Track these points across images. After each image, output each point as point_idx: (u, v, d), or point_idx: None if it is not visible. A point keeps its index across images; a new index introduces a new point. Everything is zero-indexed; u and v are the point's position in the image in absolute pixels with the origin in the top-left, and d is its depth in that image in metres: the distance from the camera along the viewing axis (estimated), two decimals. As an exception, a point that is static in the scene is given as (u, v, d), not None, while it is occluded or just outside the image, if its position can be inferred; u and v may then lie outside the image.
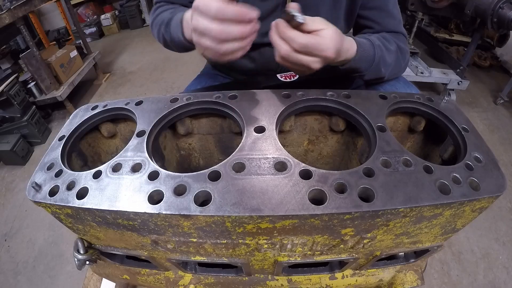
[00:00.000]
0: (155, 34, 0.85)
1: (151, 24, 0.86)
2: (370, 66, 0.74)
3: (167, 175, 0.49)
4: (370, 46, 0.73)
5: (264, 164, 0.49)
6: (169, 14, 0.76)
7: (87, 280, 0.98)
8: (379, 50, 0.74)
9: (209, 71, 1.12)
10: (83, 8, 4.72)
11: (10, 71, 3.06)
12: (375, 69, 0.76)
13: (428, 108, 0.64)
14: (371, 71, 0.76)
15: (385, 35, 0.82)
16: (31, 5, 2.34)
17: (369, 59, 0.73)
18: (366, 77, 0.78)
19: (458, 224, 0.54)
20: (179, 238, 0.51)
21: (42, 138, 2.42)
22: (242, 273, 0.68)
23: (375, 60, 0.74)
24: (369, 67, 0.74)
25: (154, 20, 0.83)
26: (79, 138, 0.65)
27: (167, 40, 0.77)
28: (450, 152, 0.63)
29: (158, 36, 0.82)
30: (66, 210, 0.49)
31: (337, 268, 0.68)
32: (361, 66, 0.72)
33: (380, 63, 0.75)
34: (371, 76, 0.79)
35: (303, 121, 0.74)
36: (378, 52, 0.74)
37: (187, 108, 0.66)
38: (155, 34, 0.84)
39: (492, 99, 2.49)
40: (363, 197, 0.44)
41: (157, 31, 0.81)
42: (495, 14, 1.76)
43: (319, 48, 0.54)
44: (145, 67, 3.53)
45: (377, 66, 0.75)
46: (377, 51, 0.73)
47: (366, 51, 0.71)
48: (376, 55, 0.73)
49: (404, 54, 0.84)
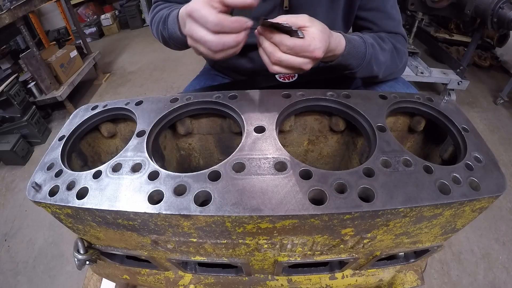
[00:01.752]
0: (154, 33, 0.85)
1: (150, 23, 0.86)
2: (361, 63, 0.73)
3: (167, 175, 0.49)
4: (361, 43, 0.72)
5: (264, 164, 0.49)
6: (166, 11, 0.76)
7: (87, 280, 0.98)
8: (371, 47, 0.74)
9: (209, 71, 1.12)
10: (83, 8, 4.72)
11: (10, 71, 3.07)
12: (367, 67, 0.75)
13: (428, 108, 0.64)
14: (363, 69, 0.75)
15: (381, 34, 0.82)
16: (31, 5, 2.34)
17: (360, 56, 0.72)
18: (358, 75, 0.78)
19: (458, 224, 0.54)
20: (179, 238, 0.51)
21: (42, 138, 2.43)
22: (242, 273, 0.68)
23: (366, 57, 0.73)
24: (360, 64, 0.73)
25: (153, 19, 0.83)
26: (79, 138, 0.65)
27: (165, 37, 0.77)
28: (450, 152, 0.63)
29: (157, 34, 0.82)
30: (66, 210, 0.49)
31: (337, 268, 0.68)
32: (351, 62, 0.71)
33: (372, 61, 0.75)
34: (363, 73, 0.78)
35: (303, 121, 0.74)
36: (370, 50, 0.73)
37: (187, 108, 0.66)
38: (154, 33, 0.84)
39: (492, 99, 2.49)
40: (363, 197, 0.44)
41: (156, 29, 0.81)
42: (495, 14, 1.76)
43: (309, 50, 0.54)
44: (145, 67, 3.53)
45: (369, 64, 0.74)
46: (368, 48, 0.72)
47: (356, 47, 0.70)
48: (368, 52, 0.72)
49: (400, 54, 0.83)
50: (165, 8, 0.81)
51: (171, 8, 0.77)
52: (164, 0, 0.88)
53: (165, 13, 0.76)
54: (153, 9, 0.87)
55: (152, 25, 0.85)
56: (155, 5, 0.87)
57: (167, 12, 0.75)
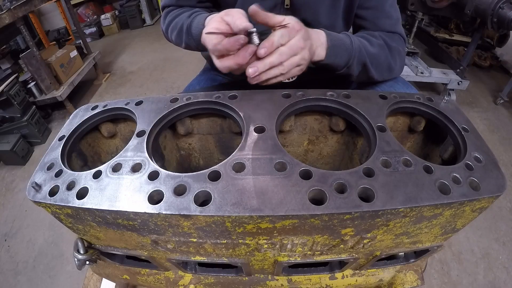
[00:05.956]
0: (172, 39, 0.86)
1: (165, 29, 0.87)
2: (351, 55, 0.72)
3: (167, 175, 0.49)
4: (343, 36, 0.72)
5: (264, 164, 0.49)
6: (186, 19, 0.77)
7: (87, 280, 0.98)
8: (357, 40, 0.73)
9: (209, 71, 1.12)
10: (83, 8, 4.72)
11: (10, 71, 3.07)
12: (359, 58, 0.73)
13: (428, 108, 0.64)
14: (357, 63, 0.73)
15: (373, 32, 0.82)
16: (31, 5, 2.34)
17: (347, 47, 0.71)
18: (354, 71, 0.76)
19: (458, 224, 0.54)
20: (179, 238, 0.51)
21: (42, 138, 2.43)
22: (242, 273, 0.68)
23: (355, 48, 0.72)
24: (351, 57, 0.72)
25: (170, 25, 0.84)
26: (79, 138, 0.65)
27: (191, 45, 0.79)
28: (450, 152, 0.63)
29: (177, 41, 0.84)
30: (66, 210, 0.49)
31: (337, 268, 0.68)
32: (341, 56, 0.70)
33: (363, 52, 0.73)
34: (359, 69, 0.76)
35: (303, 121, 0.74)
36: (356, 41, 0.72)
37: (187, 108, 0.66)
38: (173, 39, 0.85)
39: (492, 99, 2.49)
40: (363, 197, 0.44)
41: (176, 36, 0.82)
42: (495, 14, 1.76)
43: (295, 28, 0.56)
44: (145, 67, 3.53)
45: (360, 54, 0.73)
46: (354, 40, 0.72)
47: (340, 39, 0.70)
48: (353, 42, 0.72)
49: (394, 52, 0.81)
50: (181, 14, 0.82)
51: (190, 15, 0.78)
52: (176, 5, 0.88)
53: (185, 22, 0.77)
54: (166, 15, 0.88)
55: (168, 32, 0.86)
56: (167, 11, 0.88)
57: (187, 21, 0.76)
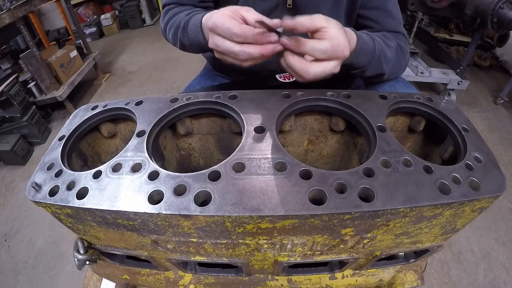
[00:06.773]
0: (169, 38, 0.83)
1: (164, 27, 0.85)
2: (371, 61, 0.72)
3: (167, 175, 0.49)
4: (369, 39, 0.71)
5: (264, 164, 0.49)
6: (184, 17, 0.75)
7: (87, 280, 0.98)
8: (379, 44, 0.73)
9: (209, 71, 1.12)
10: (83, 8, 4.72)
11: (10, 71, 3.07)
12: (377, 63, 0.74)
13: (428, 108, 0.64)
14: (373, 66, 0.74)
15: (384, 33, 0.82)
16: (31, 5, 2.34)
17: (370, 52, 0.71)
18: (368, 73, 0.76)
19: (458, 224, 0.54)
20: (179, 238, 0.51)
21: (42, 138, 2.43)
22: (242, 273, 0.68)
23: (376, 54, 0.72)
24: (370, 62, 0.72)
25: (168, 23, 0.82)
26: (79, 138, 0.65)
27: (185, 44, 0.77)
28: (450, 152, 0.63)
29: (173, 40, 0.81)
30: (66, 210, 0.49)
31: (337, 268, 0.68)
32: (362, 60, 0.70)
33: (381, 57, 0.74)
34: (373, 71, 0.76)
35: (303, 121, 0.74)
36: (378, 46, 0.72)
37: (187, 108, 0.66)
38: (170, 38, 0.83)
39: (492, 99, 2.49)
40: (363, 197, 0.44)
41: (173, 34, 0.80)
42: (495, 14, 1.76)
43: (339, 50, 0.52)
44: (145, 67, 3.53)
45: (379, 60, 0.73)
46: (377, 44, 0.72)
47: (366, 43, 0.69)
48: (376, 48, 0.71)
49: (404, 53, 0.84)
50: (180, 13, 0.80)
51: (188, 14, 0.76)
52: (177, 3, 0.86)
53: (182, 20, 0.75)
54: (166, 13, 0.85)
55: (166, 30, 0.83)
56: (167, 9, 0.86)
57: (185, 19, 0.74)
